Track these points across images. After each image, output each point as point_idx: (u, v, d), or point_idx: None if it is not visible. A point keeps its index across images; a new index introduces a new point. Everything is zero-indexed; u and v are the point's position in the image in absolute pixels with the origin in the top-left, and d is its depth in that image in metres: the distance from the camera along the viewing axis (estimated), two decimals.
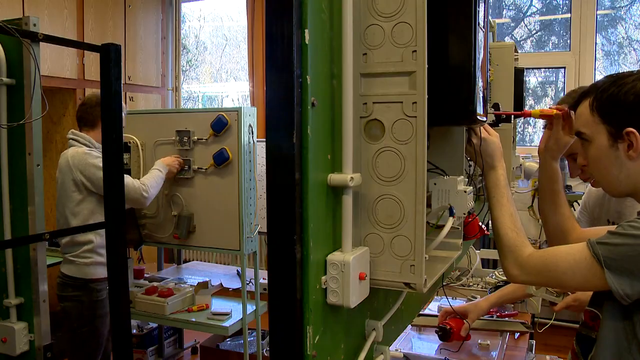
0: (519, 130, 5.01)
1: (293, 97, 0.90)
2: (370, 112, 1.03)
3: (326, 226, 1.00)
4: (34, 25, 1.75)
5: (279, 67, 0.91)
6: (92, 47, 1.88)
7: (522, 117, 2.30)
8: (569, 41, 4.84)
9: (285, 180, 0.92)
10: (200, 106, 6.81)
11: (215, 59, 6.85)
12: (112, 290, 1.91)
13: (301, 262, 0.94)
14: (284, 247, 0.93)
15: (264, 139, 4.12)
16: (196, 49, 6.79)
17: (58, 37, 1.86)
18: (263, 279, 3.46)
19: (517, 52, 2.10)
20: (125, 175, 2.49)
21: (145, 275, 3.62)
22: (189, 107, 6.60)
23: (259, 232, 3.06)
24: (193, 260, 5.51)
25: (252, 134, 2.94)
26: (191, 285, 3.30)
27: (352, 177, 0.99)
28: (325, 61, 0.98)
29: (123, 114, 1.95)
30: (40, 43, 1.76)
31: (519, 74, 2.04)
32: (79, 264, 2.64)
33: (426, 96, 0.98)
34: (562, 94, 4.89)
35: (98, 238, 2.65)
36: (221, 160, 2.91)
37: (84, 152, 2.66)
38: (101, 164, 2.54)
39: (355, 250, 1.01)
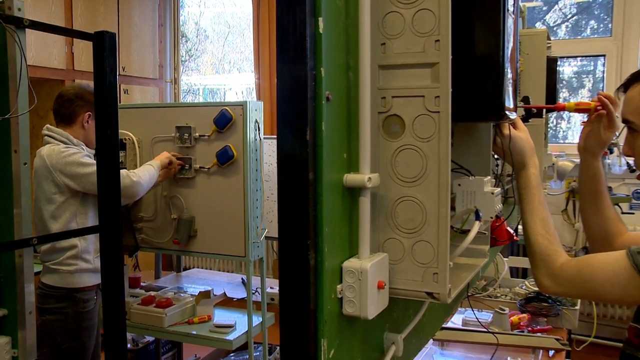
0: (551, 125, 5.00)
1: (306, 91, 0.92)
2: (389, 107, 1.05)
3: (342, 230, 1.01)
4: (19, 9, 1.74)
5: (290, 59, 0.93)
6: (84, 35, 1.90)
7: (555, 111, 2.30)
8: (610, 25, 4.79)
9: (297, 180, 0.94)
10: (202, 100, 6.85)
11: (217, 48, 6.88)
12: (106, 302, 1.93)
13: (315, 269, 0.95)
14: (297, 253, 0.94)
15: (272, 136, 4.13)
16: (196, 37, 6.83)
17: (46, 24, 1.88)
18: (270, 287, 3.48)
19: (550, 40, 2.10)
20: None
21: (142, 284, 3.65)
22: (189, 101, 6.64)
23: (266, 237, 3.08)
24: (194, 267, 5.56)
25: (259, 130, 2.96)
26: (192, 295, 3.32)
27: (369, 178, 1.00)
28: (341, 52, 1.00)
29: None
30: (26, 30, 1.76)
31: (552, 64, 2.04)
32: (62, 272, 2.65)
33: (450, 90, 0.99)
34: (600, 85, 4.86)
35: (82, 242, 2.65)
36: (225, 158, 2.93)
37: (61, 150, 2.66)
38: (83, 159, 2.58)
39: (373, 257, 1.02)
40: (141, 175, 2.78)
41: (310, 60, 0.92)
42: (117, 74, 1.85)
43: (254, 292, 3.39)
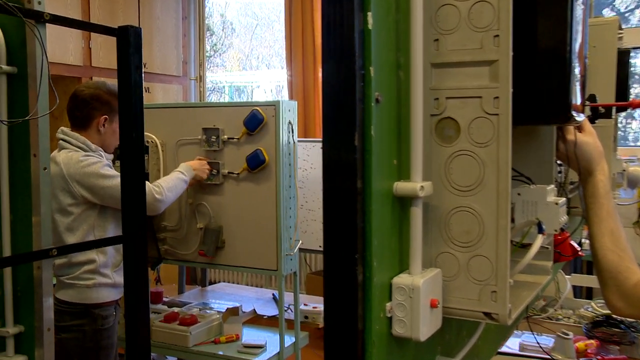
0: (621, 126, 4.91)
1: (354, 92, 0.94)
2: (442, 109, 1.06)
3: (391, 244, 1.03)
4: (39, 3, 1.78)
5: (337, 57, 0.95)
6: (107, 30, 1.95)
7: (628, 110, 2.27)
8: None
9: (345, 189, 0.95)
10: (227, 99, 6.93)
11: (244, 42, 6.95)
12: (130, 319, 1.97)
13: (363, 285, 0.97)
14: (343, 267, 0.96)
15: (306, 139, 4.13)
16: (222, 30, 6.91)
17: (68, 18, 1.92)
18: (304, 304, 3.50)
19: (622, 29, 2.07)
20: None
21: (164, 299, 3.71)
22: (213, 100, 6.72)
23: (300, 249, 3.11)
24: (220, 281, 5.62)
25: (292, 132, 2.99)
26: (218, 312, 3.37)
27: (422, 186, 1.01)
28: (391, 49, 1.01)
29: None
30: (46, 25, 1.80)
31: (624, 56, 2.01)
32: (79, 287, 2.68)
33: (511, 90, 1.00)
34: None
35: (101, 257, 2.67)
36: (256, 163, 2.97)
37: (79, 158, 2.66)
38: (103, 171, 2.61)
39: (426, 273, 1.03)
40: (166, 190, 2.80)
41: (358, 58, 0.94)
42: (143, 72, 1.90)
43: (286, 309, 3.41)
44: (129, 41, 1.88)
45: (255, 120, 2.95)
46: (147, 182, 2.72)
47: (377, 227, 0.97)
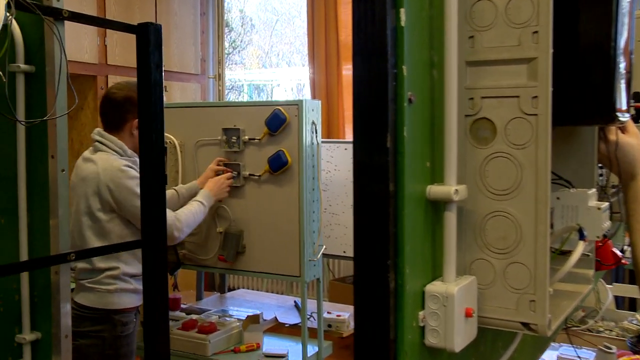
0: None
1: (386, 92, 0.94)
2: (478, 109, 1.06)
3: (424, 250, 1.03)
4: (57, 0, 1.80)
5: (369, 56, 0.96)
6: (126, 27, 1.97)
7: None
8: None
9: (376, 192, 0.96)
10: (246, 98, 6.97)
11: (264, 39, 6.98)
12: (148, 327, 1.98)
13: (395, 293, 0.97)
14: (375, 274, 0.97)
15: (330, 139, 4.11)
16: (241, 26, 6.95)
17: (87, 15, 1.94)
18: (327, 312, 3.51)
19: None
20: None
21: (182, 305, 3.74)
22: (232, 99, 6.76)
23: (324, 255, 3.12)
24: (238, 287, 5.65)
25: (316, 132, 3.00)
26: (238, 319, 3.38)
27: (456, 190, 1.01)
28: (424, 47, 1.02)
29: None
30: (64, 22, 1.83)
31: None
32: (100, 291, 2.71)
33: (550, 89, 1.00)
34: None
35: (125, 267, 2.70)
36: (278, 165, 2.98)
37: (120, 167, 2.69)
38: (138, 189, 2.64)
39: (460, 280, 1.03)
40: (186, 226, 2.84)
41: (390, 57, 0.95)
42: (163, 70, 1.92)
43: (308, 317, 3.42)
44: (148, 39, 1.90)
45: (278, 120, 2.96)
46: (169, 212, 2.73)
47: (409, 232, 0.98)
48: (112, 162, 2.71)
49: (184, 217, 2.83)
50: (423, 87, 1.01)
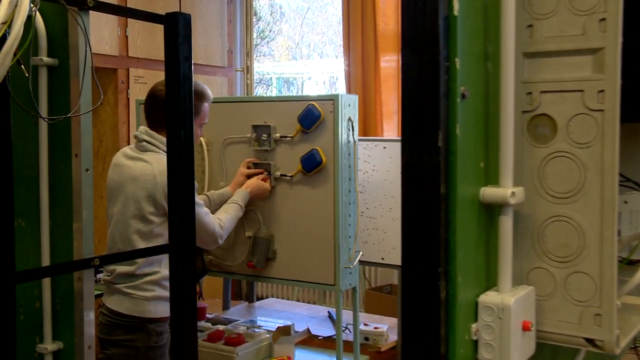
0: None
1: (438, 87, 0.95)
2: (536, 105, 1.06)
3: (477, 257, 1.03)
4: None
5: (419, 47, 0.96)
6: (154, 18, 1.99)
7: None
8: None
9: (426, 195, 0.96)
10: (274, 92, 6.99)
11: (294, 29, 6.99)
12: (175, 338, 2.00)
13: (446, 303, 0.97)
14: (425, 283, 0.97)
15: (367, 137, 4.10)
16: (270, 15, 6.98)
17: (113, 5, 1.98)
18: (364, 324, 3.51)
19: None
20: (198, 202, 2.57)
21: (207, 315, 3.76)
22: (260, 94, 6.79)
23: (360, 262, 3.11)
24: (267, 296, 5.67)
25: (353, 130, 2.99)
26: (268, 331, 3.39)
27: (512, 192, 1.01)
28: (478, 38, 1.02)
29: None
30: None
31: None
32: (137, 298, 2.73)
33: (619, 82, 0.99)
34: None
35: (165, 271, 2.72)
36: (311, 164, 2.98)
37: None
38: (196, 198, 2.65)
39: (517, 290, 1.03)
40: (229, 227, 2.90)
41: (442, 49, 0.95)
42: (192, 63, 1.94)
43: (344, 329, 3.42)
44: (177, 29, 1.92)
45: (312, 117, 2.96)
46: (210, 216, 2.81)
47: (462, 238, 0.98)
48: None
49: (227, 224, 2.88)
50: (477, 81, 1.01)
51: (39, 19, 1.88)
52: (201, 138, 3.27)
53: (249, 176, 3.12)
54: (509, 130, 1.02)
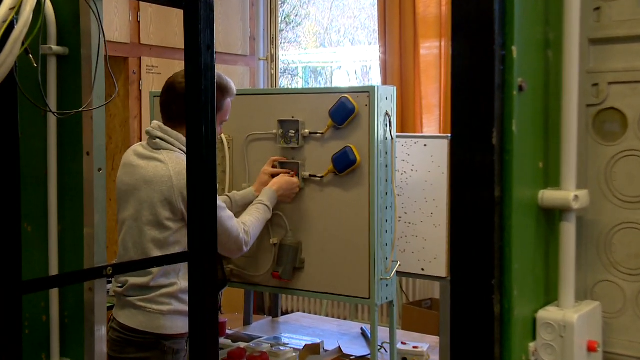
0: None
1: (493, 78, 0.95)
2: (603, 98, 1.05)
3: (536, 268, 1.03)
4: None
5: (471, 34, 0.96)
6: (173, 2, 2.01)
7: None
8: None
9: (479, 199, 0.96)
10: (300, 83, 7.00)
11: (323, 12, 6.99)
12: (194, 355, 2.01)
13: (501, 319, 0.97)
14: (477, 296, 0.97)
15: (406, 134, 4.06)
16: None
17: None
18: (402, 343, 3.50)
19: None
20: (220, 205, 2.57)
21: (227, 331, 3.78)
22: (287, 86, 6.79)
23: (398, 273, 3.11)
24: (293, 310, 5.68)
25: (390, 125, 2.99)
26: (295, 349, 3.40)
27: (575, 196, 1.01)
28: (538, 23, 1.02)
29: None
30: None
31: None
32: (152, 312, 2.74)
33: None
34: None
35: (183, 283, 2.72)
36: (344, 164, 2.98)
37: None
38: (219, 200, 2.65)
39: (581, 306, 1.03)
40: (255, 232, 2.89)
41: (498, 36, 0.95)
42: (215, 52, 1.95)
43: (379, 347, 3.41)
44: (198, 15, 1.93)
45: (344, 111, 2.96)
46: (234, 220, 2.78)
47: (518, 247, 0.97)
48: (184, 164, 2.70)
49: (252, 229, 2.87)
50: (536, 72, 1.01)
51: (48, 5, 1.90)
52: (222, 135, 3.28)
53: (274, 176, 3.13)
54: (572, 126, 1.02)
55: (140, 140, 5.09)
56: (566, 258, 1.03)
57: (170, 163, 2.72)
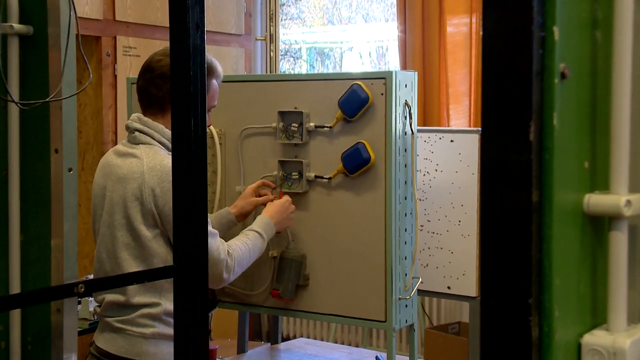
0: None
1: (531, 63, 0.96)
2: None
3: (580, 284, 1.04)
4: None
5: (506, 11, 0.97)
6: None
7: None
8: None
9: (514, 203, 0.97)
10: (304, 67, 7.00)
11: None
12: None
13: (539, 344, 0.98)
14: (511, 318, 0.98)
15: (429, 127, 4.07)
16: None
17: None
18: None
19: None
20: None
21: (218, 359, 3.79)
22: (287, 69, 6.78)
23: (419, 291, 3.11)
24: (297, 335, 5.68)
25: (410, 117, 2.99)
26: None
27: (628, 201, 1.02)
28: (584, 0, 1.03)
29: None
30: None
31: None
32: (133, 335, 2.74)
33: None
34: None
35: (167, 304, 2.73)
36: (356, 163, 2.98)
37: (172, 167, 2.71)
38: None
39: (634, 330, 1.04)
40: (242, 258, 2.84)
41: (537, 14, 0.96)
42: (205, 32, 1.96)
43: None
44: None
45: (357, 100, 2.96)
46: (218, 243, 2.73)
47: (560, 260, 0.98)
48: (161, 159, 2.71)
49: (238, 253, 2.82)
50: (581, 57, 1.02)
51: None
52: (211, 127, 3.26)
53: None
54: (623, 120, 1.03)
55: (115, 135, 5.11)
56: (617, 273, 1.04)
57: (144, 157, 2.73)
